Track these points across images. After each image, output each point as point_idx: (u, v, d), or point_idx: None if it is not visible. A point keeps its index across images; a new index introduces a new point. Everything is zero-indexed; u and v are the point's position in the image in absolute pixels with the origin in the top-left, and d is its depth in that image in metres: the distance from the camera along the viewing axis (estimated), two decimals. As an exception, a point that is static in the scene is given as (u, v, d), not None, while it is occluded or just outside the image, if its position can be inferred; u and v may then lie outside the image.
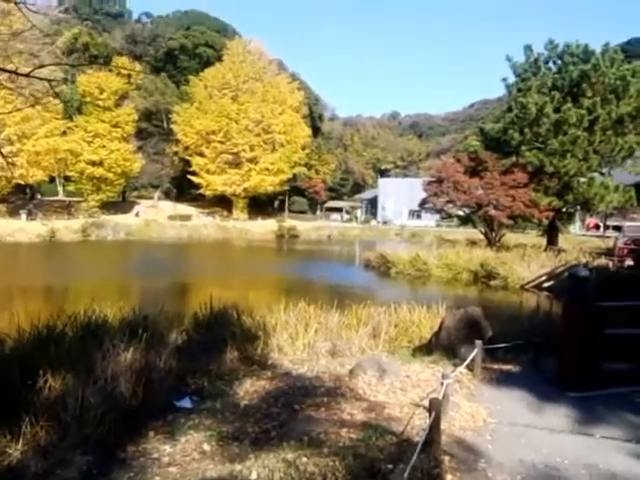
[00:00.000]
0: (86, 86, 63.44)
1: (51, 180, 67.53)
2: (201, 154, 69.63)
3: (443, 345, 8.57)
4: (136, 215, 65.61)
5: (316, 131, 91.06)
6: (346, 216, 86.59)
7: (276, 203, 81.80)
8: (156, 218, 63.76)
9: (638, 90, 28.07)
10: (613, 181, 29.74)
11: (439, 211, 36.15)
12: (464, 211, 34.33)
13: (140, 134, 74.82)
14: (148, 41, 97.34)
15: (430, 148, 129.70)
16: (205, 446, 4.98)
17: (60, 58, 35.22)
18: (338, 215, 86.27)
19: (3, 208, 56.93)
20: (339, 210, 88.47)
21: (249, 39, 77.37)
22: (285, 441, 4.82)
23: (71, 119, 62.45)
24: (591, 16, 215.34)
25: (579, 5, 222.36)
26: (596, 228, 55.36)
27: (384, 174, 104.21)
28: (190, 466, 4.56)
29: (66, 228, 52.01)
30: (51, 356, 6.10)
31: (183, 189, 77.48)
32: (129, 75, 66.56)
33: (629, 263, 22.96)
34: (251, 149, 69.00)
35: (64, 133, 59.28)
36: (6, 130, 49.23)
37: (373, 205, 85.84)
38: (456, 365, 7.25)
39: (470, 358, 7.11)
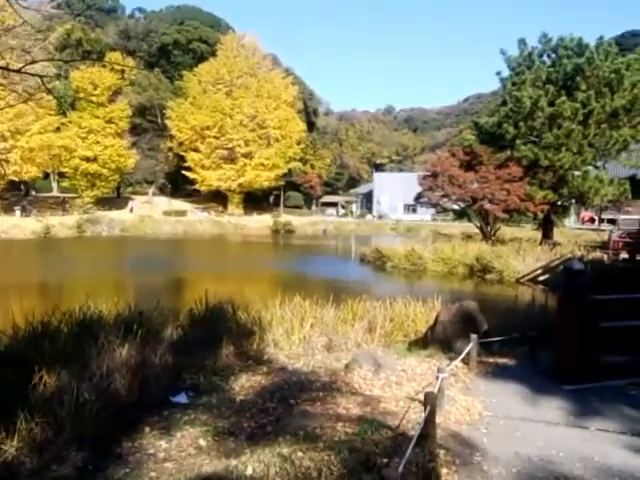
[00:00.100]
0: (79, 82, 63.02)
1: (45, 176, 67.45)
2: (196, 149, 69.36)
3: (439, 339, 8.59)
4: (130, 211, 65.32)
5: (311, 126, 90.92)
6: (342, 211, 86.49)
7: (271, 198, 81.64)
8: (151, 214, 63.54)
9: (632, 83, 28.05)
10: (608, 174, 29.72)
11: (434, 205, 36.14)
12: (459, 205, 34.32)
13: (134, 130, 74.47)
14: (141, 36, 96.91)
15: (425, 142, 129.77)
16: (201, 441, 4.99)
17: (53, 54, 35.10)
18: (334, 210, 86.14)
19: (-3, 205, 56.70)
20: (334, 205, 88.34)
21: (243, 34, 77.04)
22: (281, 436, 4.82)
23: (65, 115, 62.06)
24: (585, 9, 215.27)
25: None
26: (591, 221, 55.46)
27: (379, 168, 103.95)
28: (186, 461, 4.56)
29: (61, 224, 51.93)
30: (46, 352, 6.09)
31: (178, 185, 77.32)
32: (122, 71, 66.20)
33: (624, 256, 23.07)
34: (246, 144, 68.73)
35: (58, 129, 58.92)
36: (-1, 126, 49.10)
37: (368, 200, 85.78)
38: (452, 359, 7.27)
39: (466, 352, 7.13)
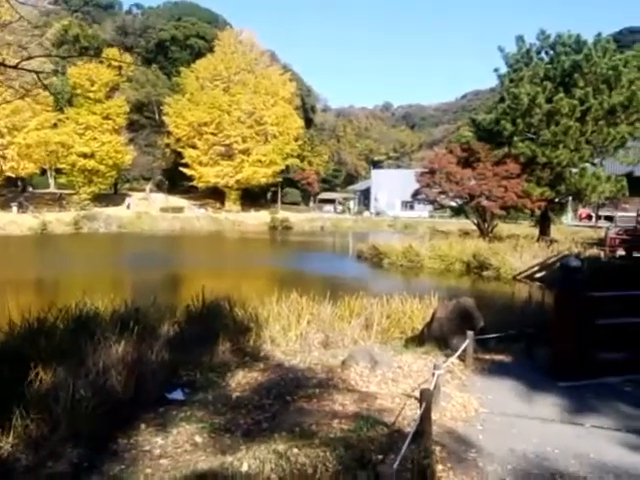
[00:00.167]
0: (77, 78, 62.83)
1: (42, 173, 67.25)
2: (193, 146, 69.24)
3: (435, 336, 8.59)
4: (127, 207, 65.26)
5: (308, 122, 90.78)
6: (339, 207, 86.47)
7: (269, 195, 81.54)
8: (148, 210, 63.45)
9: (630, 80, 28.06)
10: (605, 171, 29.73)
11: (432, 202, 36.17)
12: (457, 202, 34.35)
13: (131, 126, 74.31)
14: (139, 32, 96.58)
15: (422, 139, 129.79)
16: (197, 438, 4.99)
17: (50, 50, 34.95)
18: (331, 206, 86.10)
19: (-6, 201, 56.60)
20: (332, 201, 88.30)
21: (240, 30, 76.76)
22: (276, 432, 4.83)
23: (62, 111, 61.83)
24: (583, 6, 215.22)
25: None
26: (588, 218, 55.61)
27: (377, 165, 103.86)
28: (182, 458, 4.56)
29: (58, 221, 51.83)
30: (42, 349, 6.09)
31: (175, 181, 77.12)
32: (120, 67, 66.11)
33: (621, 253, 23.13)
34: (243, 141, 68.63)
35: (55, 125, 58.82)
36: (-4, 123, 49.01)
37: (366, 196, 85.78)
38: (448, 356, 7.27)
39: (462, 348, 7.14)
